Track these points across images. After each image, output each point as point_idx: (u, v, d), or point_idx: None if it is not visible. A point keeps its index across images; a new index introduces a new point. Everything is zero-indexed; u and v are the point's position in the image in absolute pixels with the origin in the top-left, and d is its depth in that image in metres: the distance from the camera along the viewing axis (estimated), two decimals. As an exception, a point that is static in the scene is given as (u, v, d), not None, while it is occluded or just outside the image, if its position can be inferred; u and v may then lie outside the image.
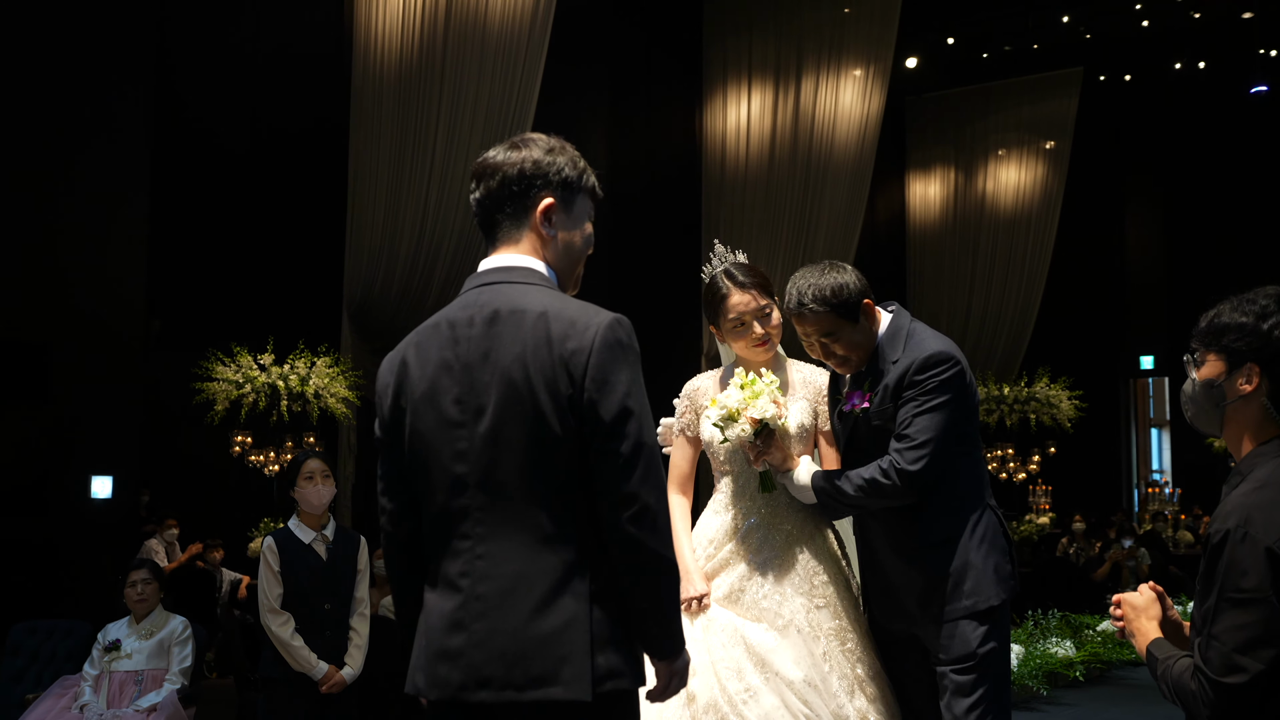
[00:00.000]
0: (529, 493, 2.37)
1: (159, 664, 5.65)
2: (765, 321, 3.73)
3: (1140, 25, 17.33)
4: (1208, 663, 2.36)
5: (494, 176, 2.60)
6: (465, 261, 10.88)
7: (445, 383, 2.45)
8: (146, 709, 5.46)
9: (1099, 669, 9.74)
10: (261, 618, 5.19)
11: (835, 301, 3.42)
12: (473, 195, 2.65)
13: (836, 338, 3.46)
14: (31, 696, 5.84)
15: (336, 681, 5.17)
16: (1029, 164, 19.06)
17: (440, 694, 2.38)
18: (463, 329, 2.48)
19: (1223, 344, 2.56)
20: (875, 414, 3.43)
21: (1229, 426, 2.60)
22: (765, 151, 15.40)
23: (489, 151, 2.65)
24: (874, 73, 15.57)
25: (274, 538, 5.27)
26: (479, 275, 2.60)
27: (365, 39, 10.81)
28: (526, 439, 2.36)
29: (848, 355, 3.49)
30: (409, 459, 2.50)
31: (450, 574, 2.42)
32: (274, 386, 10.18)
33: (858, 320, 3.45)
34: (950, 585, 3.32)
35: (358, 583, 5.36)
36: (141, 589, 5.76)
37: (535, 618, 2.32)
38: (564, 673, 2.29)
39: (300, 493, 5.26)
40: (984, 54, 18.60)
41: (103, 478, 10.28)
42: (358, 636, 5.32)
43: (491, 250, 2.64)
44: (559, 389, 2.35)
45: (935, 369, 3.36)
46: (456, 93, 10.70)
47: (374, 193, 10.81)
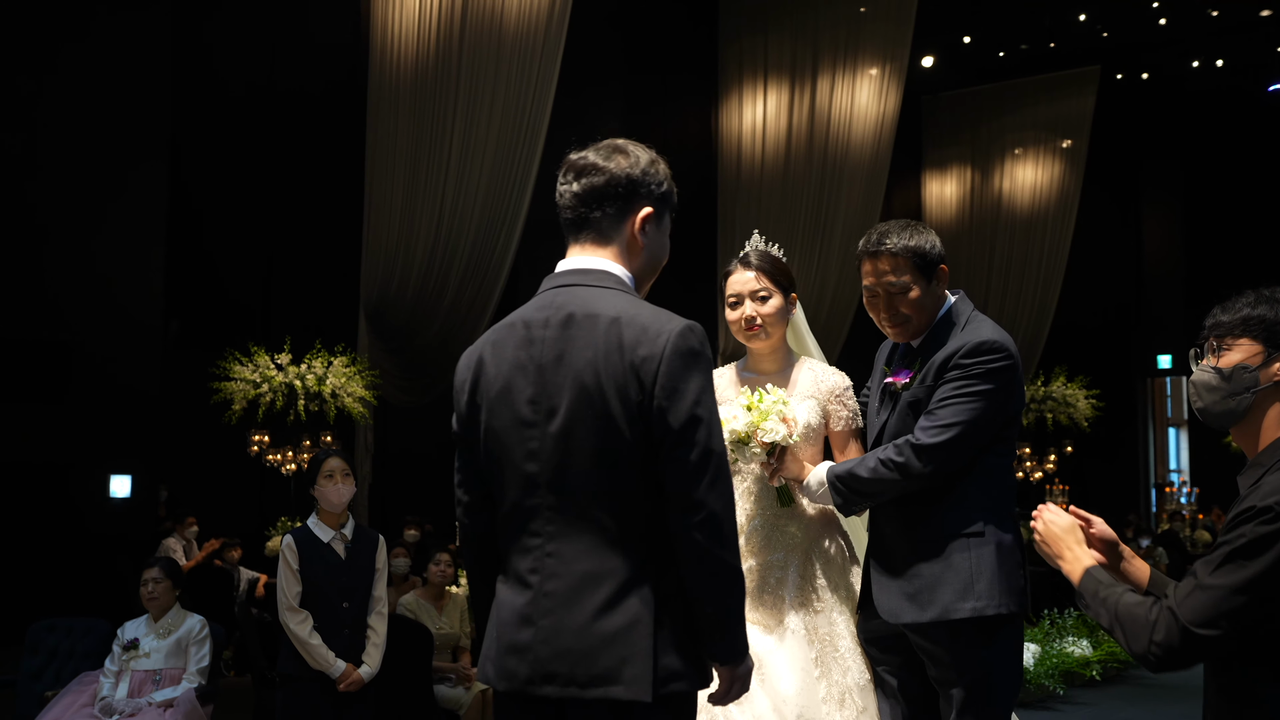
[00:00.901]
0: (597, 495, 2.41)
1: (177, 663, 5.68)
2: (759, 303, 3.66)
3: (1157, 24, 17.26)
4: (1186, 607, 2.35)
5: (599, 174, 2.63)
6: (481, 262, 10.90)
7: (519, 382, 2.50)
8: (161, 703, 5.49)
9: (1115, 668, 9.72)
10: (280, 616, 5.21)
11: (917, 250, 3.37)
12: (567, 188, 2.66)
13: (906, 290, 3.38)
14: (50, 694, 5.88)
15: (354, 680, 5.19)
16: (1045, 163, 19.00)
17: (508, 685, 2.47)
18: (538, 330, 2.52)
19: (1264, 330, 2.54)
20: (917, 391, 3.36)
21: (1252, 415, 2.56)
22: (781, 151, 15.39)
23: (588, 152, 2.69)
24: (890, 72, 15.53)
25: (293, 536, 5.30)
26: (557, 275, 2.63)
27: (382, 40, 10.83)
28: (596, 442, 2.41)
29: (909, 315, 3.40)
30: (484, 455, 2.56)
31: (520, 570, 2.49)
32: (291, 386, 10.22)
33: (930, 281, 3.39)
34: (961, 584, 3.22)
35: (376, 581, 5.37)
36: (153, 587, 5.79)
37: (600, 617, 2.37)
38: (626, 673, 2.33)
39: (320, 491, 5.30)
40: (1000, 53, 18.54)
41: (121, 476, 10.34)
42: (375, 635, 5.33)
43: (573, 245, 2.66)
44: (629, 395, 2.39)
45: (984, 356, 3.29)
46: (472, 94, 10.71)
47: (390, 194, 10.84)
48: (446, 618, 7.00)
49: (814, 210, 15.23)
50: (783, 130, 15.44)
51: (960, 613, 3.22)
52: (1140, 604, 2.44)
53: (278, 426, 10.40)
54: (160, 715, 5.46)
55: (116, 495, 10.37)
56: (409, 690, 6.36)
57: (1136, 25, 17.44)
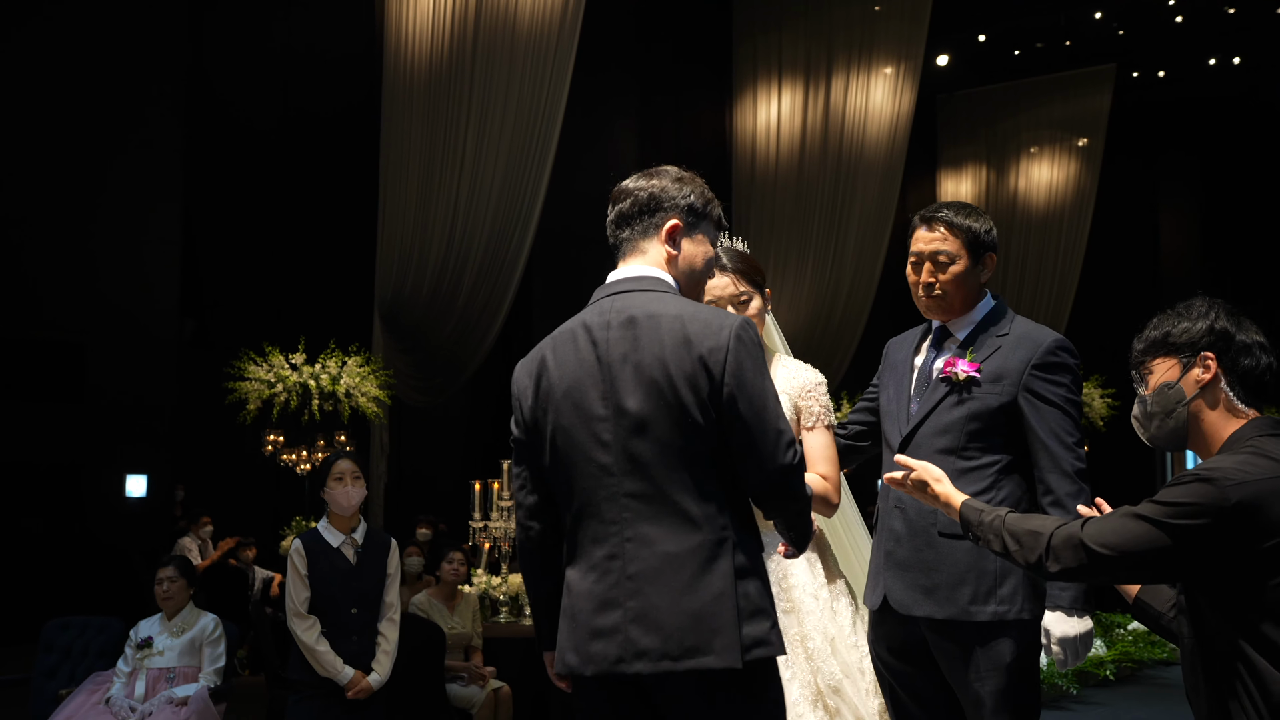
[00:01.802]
0: (673, 480, 2.60)
1: (190, 662, 5.69)
2: (741, 309, 3.62)
3: (1174, 21, 17.17)
4: (1094, 525, 2.49)
5: (626, 199, 2.86)
6: (494, 262, 10.90)
7: (587, 381, 2.67)
8: (178, 700, 5.50)
9: (1130, 668, 9.69)
10: (288, 622, 5.15)
11: (971, 229, 3.36)
12: (607, 217, 2.90)
13: (950, 263, 3.36)
14: (65, 692, 5.90)
15: (363, 688, 5.11)
16: (1061, 162, 18.93)
17: (596, 668, 2.58)
18: (599, 332, 2.70)
19: (1170, 344, 2.63)
20: (984, 388, 3.27)
21: (1194, 428, 2.62)
22: (796, 150, 15.37)
23: (624, 180, 2.91)
24: (905, 70, 15.50)
25: (302, 540, 5.21)
26: (609, 285, 2.81)
27: (395, 41, 10.85)
28: (670, 431, 2.61)
29: (946, 290, 3.37)
30: (551, 454, 2.71)
31: (597, 558, 2.63)
32: (305, 386, 10.23)
33: (977, 263, 3.38)
34: (986, 585, 3.17)
35: (387, 587, 5.28)
36: (168, 586, 5.80)
37: (686, 594, 2.55)
38: (715, 643, 2.52)
39: (330, 494, 5.20)
40: (1016, 51, 18.46)
41: (137, 476, 10.39)
42: (386, 642, 5.25)
43: (620, 258, 2.87)
44: (699, 384, 2.60)
45: (1072, 355, 3.30)
46: (486, 94, 10.71)
47: (404, 194, 10.85)
48: (459, 617, 7.01)
49: (829, 209, 15.21)
50: (797, 129, 15.42)
51: (981, 615, 3.17)
52: (1030, 518, 2.61)
53: (292, 426, 10.42)
54: (174, 714, 5.47)
55: (132, 495, 10.42)
56: (421, 689, 6.37)
57: (1152, 23, 17.36)
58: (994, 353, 3.30)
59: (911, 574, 3.27)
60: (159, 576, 5.83)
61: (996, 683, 3.16)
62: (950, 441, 3.27)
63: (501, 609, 7.57)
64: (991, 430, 3.26)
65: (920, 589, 3.25)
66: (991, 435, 3.27)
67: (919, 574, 3.26)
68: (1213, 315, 2.62)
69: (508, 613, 7.54)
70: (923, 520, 3.27)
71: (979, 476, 3.24)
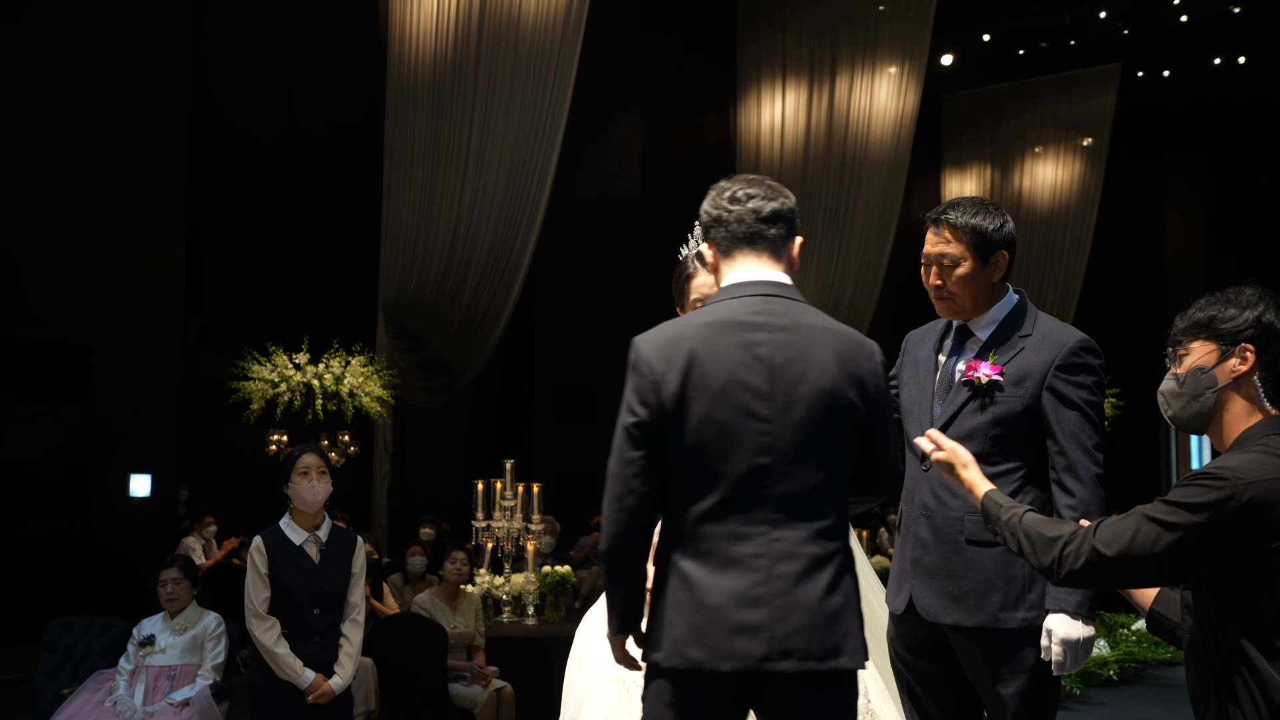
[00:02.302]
0: (821, 488, 2.69)
1: (192, 659, 5.69)
2: None
3: (1179, 20, 17.14)
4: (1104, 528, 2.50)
5: (778, 200, 2.88)
6: (498, 262, 10.91)
7: (749, 379, 2.69)
8: (180, 703, 5.50)
9: (1133, 668, 9.68)
10: (246, 623, 4.93)
11: (977, 228, 3.27)
12: (742, 206, 2.86)
13: (956, 265, 3.28)
14: (67, 691, 5.91)
15: (324, 691, 4.88)
16: (1066, 161, 18.91)
17: (736, 664, 2.61)
18: (758, 332, 2.72)
19: (1213, 329, 2.58)
20: (1007, 392, 3.21)
21: (1217, 416, 2.60)
22: (800, 150, 15.37)
23: (749, 179, 2.94)
24: (909, 70, 15.50)
25: (262, 538, 4.98)
26: (754, 285, 2.81)
27: (399, 42, 10.87)
28: (828, 442, 2.71)
29: (955, 293, 3.30)
30: (695, 445, 2.68)
31: (740, 554, 2.66)
32: (309, 385, 10.24)
33: (985, 263, 3.28)
34: (1015, 592, 3.14)
35: (352, 586, 5.02)
36: (172, 588, 5.80)
37: (827, 597, 2.65)
38: (847, 645, 2.65)
39: (294, 489, 4.96)
40: (1020, 50, 18.45)
41: (141, 475, 10.39)
42: (349, 644, 5.00)
43: (741, 254, 2.86)
44: (856, 401, 2.74)
45: (1096, 356, 3.23)
46: (490, 94, 10.73)
47: (408, 194, 10.86)
48: (461, 616, 7.01)
49: (833, 209, 15.21)
50: (801, 129, 15.42)
51: (1010, 622, 3.13)
52: (1047, 522, 2.61)
53: (296, 426, 10.43)
54: (176, 714, 5.48)
55: (136, 495, 10.42)
56: (424, 689, 6.37)
57: (1157, 22, 17.33)
58: (1017, 354, 3.25)
59: (939, 581, 3.23)
60: (163, 578, 5.83)
61: (1021, 685, 3.13)
62: (974, 447, 3.15)
63: (504, 609, 7.57)
64: (1016, 434, 3.21)
65: (948, 596, 3.21)
66: (1016, 439, 3.22)
67: (946, 581, 3.22)
68: (1261, 307, 2.58)
69: (510, 612, 7.54)
70: (949, 528, 3.23)
71: (1005, 482, 3.18)
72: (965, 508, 3.18)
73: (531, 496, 7.71)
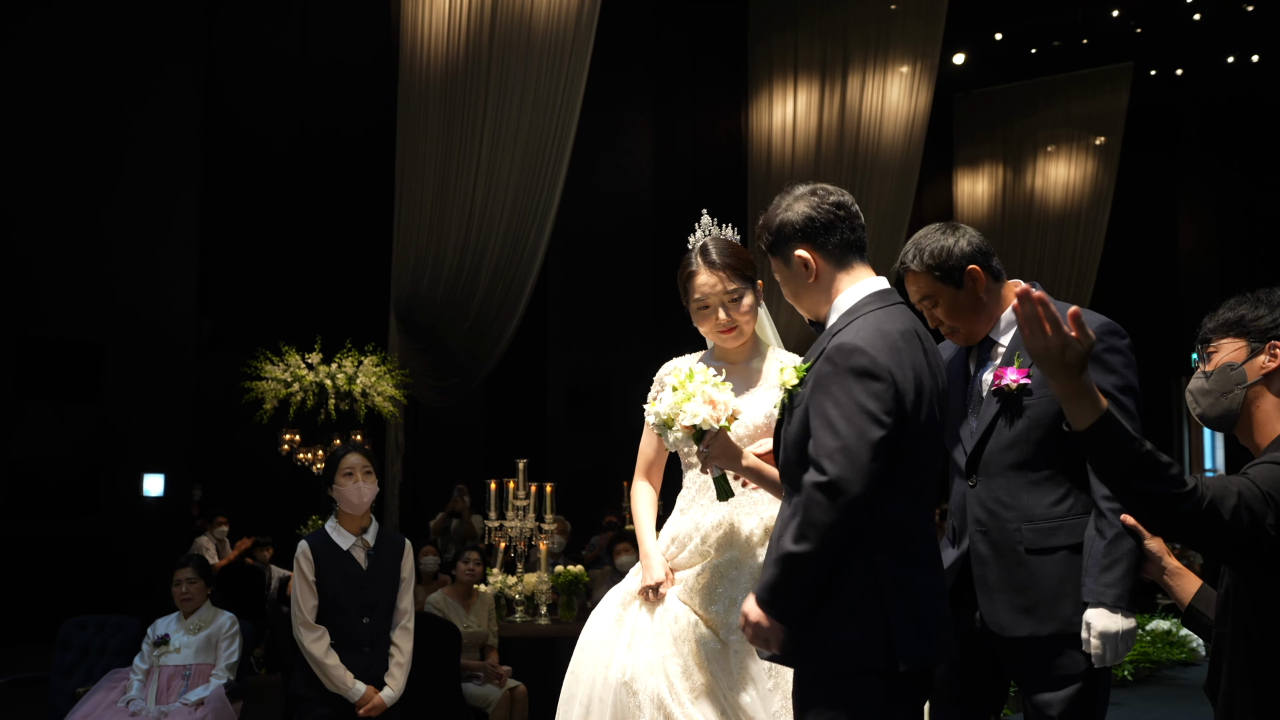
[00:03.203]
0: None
1: (207, 659, 5.70)
2: (733, 308, 3.46)
3: (1192, 18, 17.10)
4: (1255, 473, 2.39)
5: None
6: (510, 261, 10.92)
7: (933, 386, 2.80)
8: (195, 702, 5.51)
9: (1148, 668, 9.65)
10: (294, 632, 4.73)
11: (933, 263, 3.22)
12: (856, 207, 2.93)
13: (935, 302, 3.26)
14: (82, 690, 5.92)
15: (375, 704, 4.70)
16: (1079, 160, 18.87)
17: (946, 660, 2.78)
18: (926, 341, 2.84)
19: (1243, 327, 2.58)
20: (1037, 394, 3.13)
21: (1245, 414, 2.57)
22: (811, 149, 15.35)
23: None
24: (921, 69, 15.47)
25: (309, 543, 4.78)
26: (894, 294, 2.89)
27: (412, 41, 10.87)
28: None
29: (952, 325, 3.27)
30: (912, 453, 2.72)
31: (932, 553, 2.81)
32: (322, 385, 10.25)
33: (960, 286, 3.22)
34: (1054, 597, 3.11)
35: (401, 593, 4.84)
36: (186, 588, 5.81)
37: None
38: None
39: (339, 491, 4.75)
40: (1033, 49, 18.42)
41: (154, 475, 10.43)
42: (400, 654, 4.82)
43: (862, 265, 2.91)
44: None
45: (1116, 336, 3.15)
46: (502, 93, 10.73)
47: (420, 194, 10.87)
48: (475, 616, 7.01)
49: (844, 209, 15.17)
50: (813, 128, 15.41)
51: (1047, 629, 3.11)
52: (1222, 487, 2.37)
53: (308, 426, 10.44)
54: (191, 713, 5.49)
55: (149, 494, 10.46)
56: (437, 688, 6.38)
57: (1170, 21, 17.29)
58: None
59: (1006, 595, 3.16)
60: (177, 577, 5.83)
61: (1082, 685, 3.10)
62: (1019, 455, 3.15)
63: (517, 608, 7.57)
64: (1057, 435, 3.12)
65: (1019, 609, 3.14)
66: (1058, 440, 3.13)
67: (1014, 594, 3.15)
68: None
69: (523, 612, 7.55)
70: (1007, 540, 3.17)
71: (1054, 486, 3.14)
72: (1020, 518, 3.14)
73: (544, 496, 7.71)
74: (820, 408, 2.66)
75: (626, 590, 3.49)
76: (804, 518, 2.61)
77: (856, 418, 2.61)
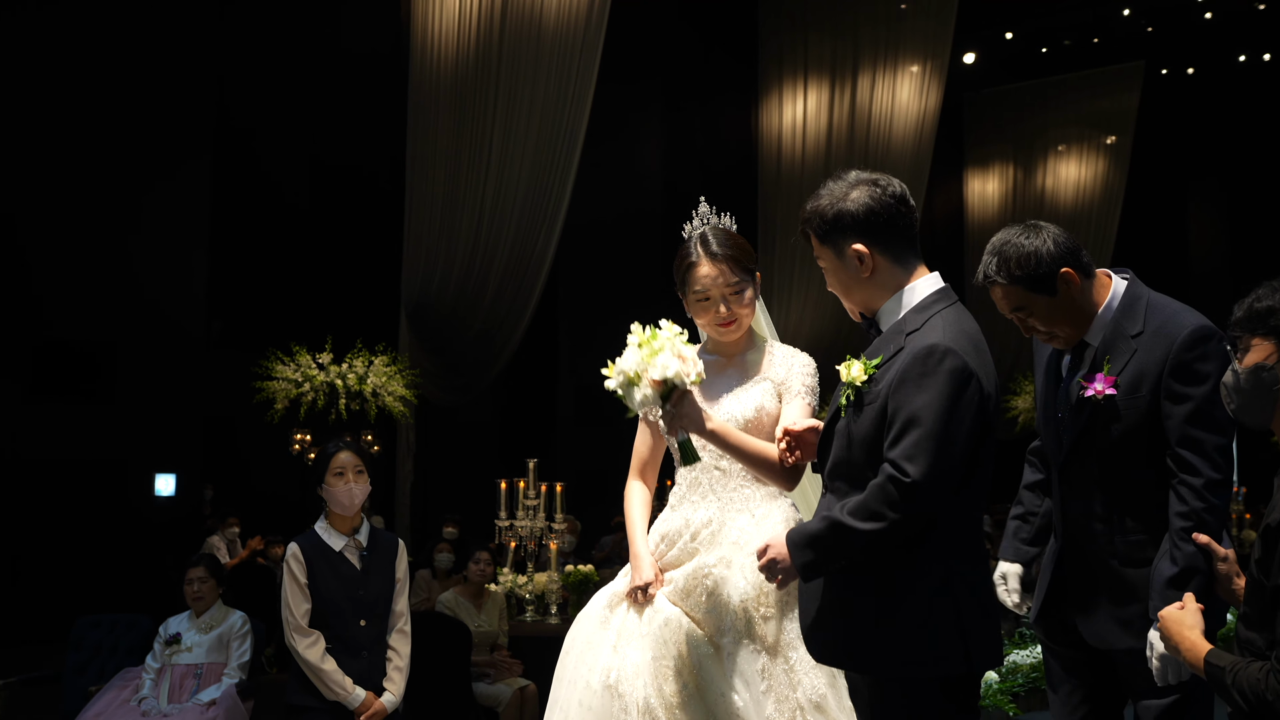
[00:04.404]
0: None
1: (218, 658, 5.71)
2: (734, 300, 3.32)
3: (1203, 17, 17.06)
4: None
5: None
6: (520, 261, 10.93)
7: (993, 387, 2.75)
8: (206, 703, 5.52)
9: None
10: (286, 638, 4.51)
11: (1021, 274, 3.06)
12: (915, 210, 2.85)
13: (1029, 312, 3.10)
14: (94, 689, 5.94)
15: (376, 710, 4.50)
16: (1090, 160, 18.84)
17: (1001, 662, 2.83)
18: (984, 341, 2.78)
19: (1270, 325, 2.48)
20: (1124, 403, 3.03)
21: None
22: (821, 149, 15.34)
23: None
24: (931, 69, 15.46)
25: (298, 544, 4.57)
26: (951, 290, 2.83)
27: (422, 42, 10.88)
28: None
29: (1051, 331, 3.13)
30: (986, 457, 2.71)
31: (985, 552, 2.82)
32: (332, 385, 10.28)
33: (1054, 293, 3.07)
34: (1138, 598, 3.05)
35: (397, 594, 4.64)
36: (198, 587, 5.81)
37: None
38: None
39: (329, 491, 4.53)
40: (1043, 49, 18.38)
41: (166, 475, 10.45)
42: (398, 657, 4.62)
43: (915, 256, 2.82)
44: None
45: (1211, 342, 2.99)
46: (512, 94, 10.74)
47: (431, 194, 10.88)
48: (486, 615, 7.03)
49: (854, 208, 15.16)
50: (823, 128, 15.40)
51: (1138, 630, 3.05)
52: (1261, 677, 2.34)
53: (319, 425, 10.47)
54: (203, 713, 5.50)
55: (161, 494, 10.48)
56: (447, 687, 6.38)
57: (1181, 19, 17.26)
58: (1130, 358, 3.06)
59: (1105, 608, 3.10)
60: (189, 576, 5.83)
61: (1174, 698, 3.03)
62: (1109, 466, 3.08)
63: (528, 607, 7.58)
64: (1146, 443, 3.05)
65: (1116, 622, 3.08)
66: (1148, 449, 3.05)
67: (1113, 608, 3.08)
68: None
69: (534, 611, 7.56)
70: (1101, 552, 3.11)
71: (1146, 496, 3.06)
72: (1111, 530, 3.09)
73: (554, 496, 7.72)
74: (909, 408, 2.59)
75: (614, 592, 3.38)
76: (873, 503, 2.58)
77: (948, 422, 2.57)
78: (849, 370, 2.75)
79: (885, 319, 2.80)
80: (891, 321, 2.77)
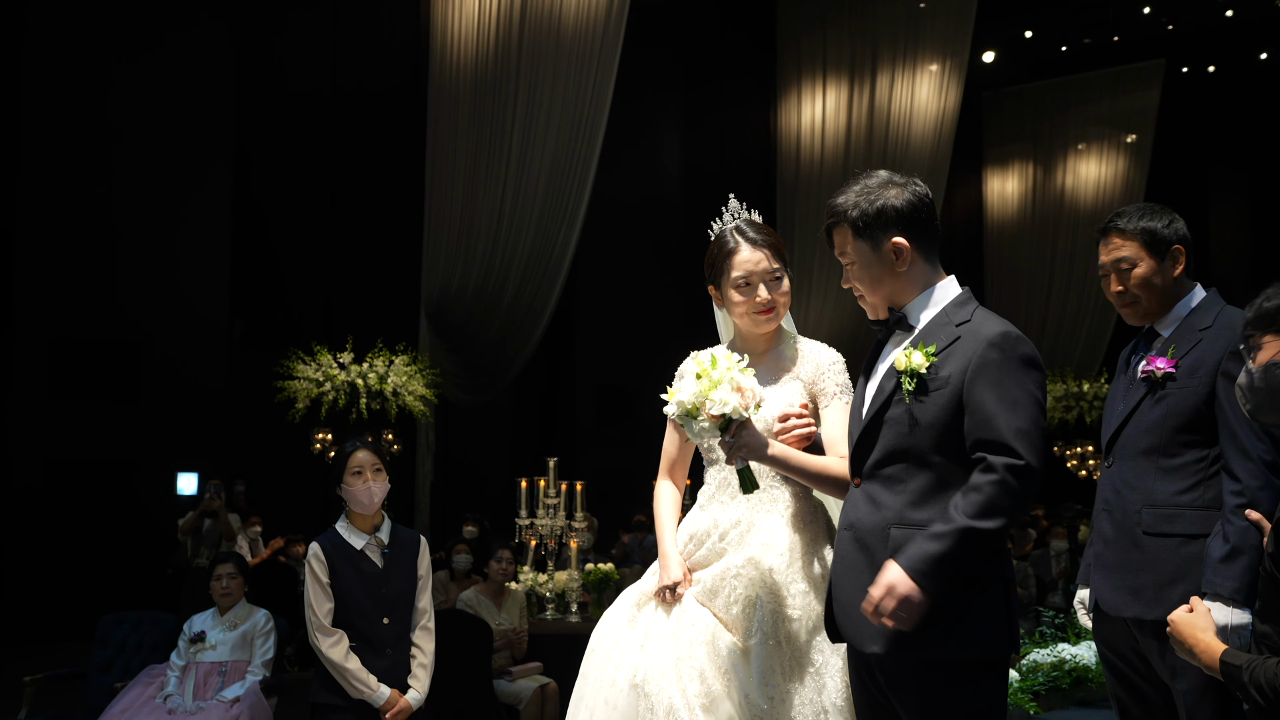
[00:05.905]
0: None
1: (242, 655, 5.75)
2: (774, 286, 3.29)
3: (1223, 15, 16.99)
4: None
5: None
6: (540, 261, 10.96)
7: None
8: (230, 700, 5.56)
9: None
10: (310, 638, 4.53)
11: (1148, 229, 3.29)
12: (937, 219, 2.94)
13: (1132, 265, 3.29)
14: (119, 685, 5.98)
15: (402, 708, 4.50)
16: (1109, 158, 18.78)
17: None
18: None
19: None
20: (1181, 384, 3.17)
21: None
22: (840, 148, 15.33)
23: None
24: (950, 67, 15.43)
25: (319, 544, 4.59)
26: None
27: (442, 43, 10.92)
28: None
29: (1138, 295, 3.31)
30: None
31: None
32: (353, 385, 10.33)
33: (1162, 260, 3.29)
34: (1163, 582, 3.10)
35: (419, 591, 4.64)
36: (227, 583, 5.85)
37: None
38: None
39: (348, 490, 4.55)
40: (1063, 47, 18.34)
41: (188, 474, 10.51)
42: (422, 655, 4.62)
43: (936, 258, 2.93)
44: None
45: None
46: (531, 94, 10.78)
47: (450, 195, 10.92)
48: (506, 613, 7.06)
49: (873, 207, 15.14)
50: (842, 127, 15.39)
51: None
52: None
53: (340, 425, 10.52)
54: (228, 710, 5.54)
55: (184, 492, 10.54)
56: (469, 685, 6.41)
57: (1202, 17, 17.19)
58: (1194, 346, 3.20)
59: (1119, 575, 3.20)
60: (217, 573, 5.86)
61: (1193, 681, 3.06)
62: (1153, 441, 3.18)
63: (548, 605, 7.61)
64: (1194, 426, 3.15)
65: (1127, 590, 3.17)
66: (1195, 431, 3.15)
67: (1126, 575, 3.18)
68: None
69: (554, 609, 7.58)
70: (1128, 521, 3.20)
71: (1184, 475, 3.15)
72: (1143, 500, 3.17)
73: (574, 494, 7.75)
74: (996, 393, 2.69)
75: (642, 590, 3.36)
76: (992, 496, 2.63)
77: (1033, 406, 2.70)
78: (909, 359, 2.79)
79: (914, 312, 2.89)
80: (922, 315, 2.87)
